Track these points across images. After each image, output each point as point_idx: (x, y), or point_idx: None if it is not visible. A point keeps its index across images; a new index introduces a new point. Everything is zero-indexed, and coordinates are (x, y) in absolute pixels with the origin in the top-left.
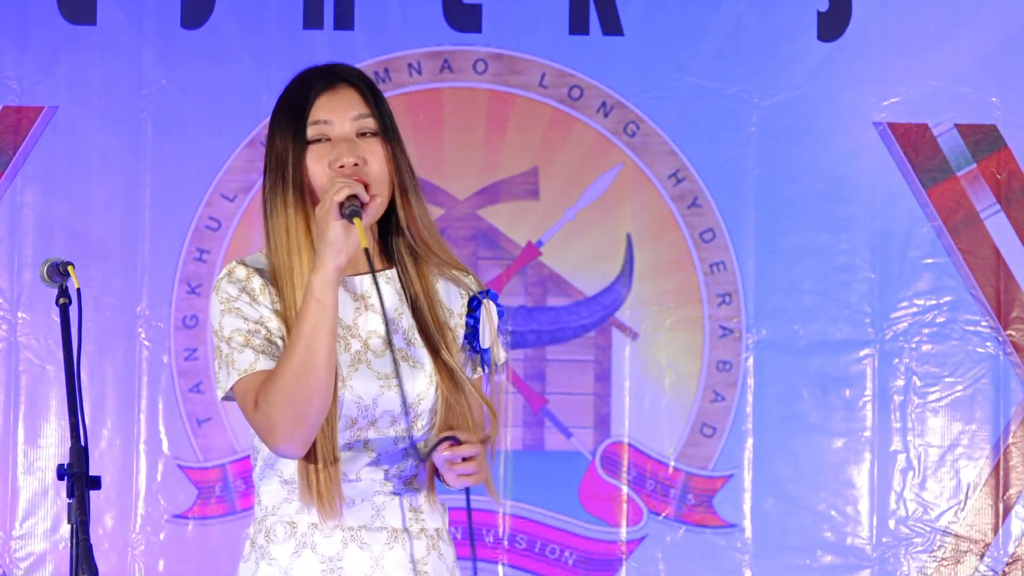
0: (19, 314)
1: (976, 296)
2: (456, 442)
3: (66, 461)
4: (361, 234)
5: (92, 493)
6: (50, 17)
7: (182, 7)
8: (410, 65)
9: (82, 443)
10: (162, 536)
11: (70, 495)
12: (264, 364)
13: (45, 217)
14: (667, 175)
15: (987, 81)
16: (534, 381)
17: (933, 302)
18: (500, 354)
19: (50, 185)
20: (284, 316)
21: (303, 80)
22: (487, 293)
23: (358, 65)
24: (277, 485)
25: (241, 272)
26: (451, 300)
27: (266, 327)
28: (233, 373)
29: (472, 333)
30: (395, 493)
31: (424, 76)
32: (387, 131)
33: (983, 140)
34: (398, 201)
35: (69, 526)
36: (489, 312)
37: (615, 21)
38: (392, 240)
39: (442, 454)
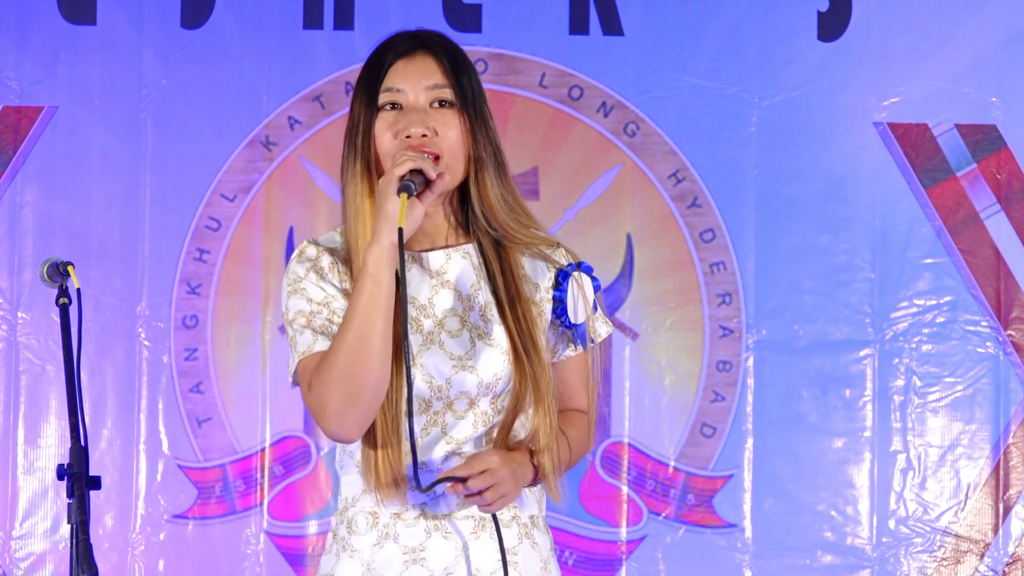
0: (19, 314)
1: (976, 296)
2: (460, 480)
3: (66, 461)
4: (402, 212)
5: (92, 493)
6: (50, 17)
7: (182, 7)
8: None
9: (82, 443)
10: (162, 536)
11: (70, 495)
12: (322, 345)
13: (45, 217)
14: (667, 175)
15: (987, 81)
16: None
17: (933, 302)
18: (600, 329)
19: (50, 185)
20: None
21: (385, 44)
22: (579, 265)
23: (359, 66)
24: (356, 475)
25: (312, 251)
26: (537, 274)
27: (330, 307)
28: (295, 356)
29: (561, 307)
30: None
31: None
32: (466, 103)
33: (983, 140)
34: (471, 176)
35: (69, 526)
36: (581, 285)
37: (615, 21)
38: (470, 213)
39: (448, 494)
